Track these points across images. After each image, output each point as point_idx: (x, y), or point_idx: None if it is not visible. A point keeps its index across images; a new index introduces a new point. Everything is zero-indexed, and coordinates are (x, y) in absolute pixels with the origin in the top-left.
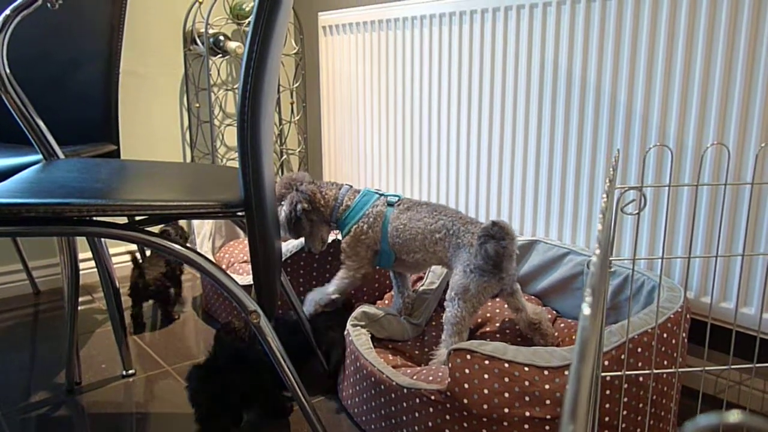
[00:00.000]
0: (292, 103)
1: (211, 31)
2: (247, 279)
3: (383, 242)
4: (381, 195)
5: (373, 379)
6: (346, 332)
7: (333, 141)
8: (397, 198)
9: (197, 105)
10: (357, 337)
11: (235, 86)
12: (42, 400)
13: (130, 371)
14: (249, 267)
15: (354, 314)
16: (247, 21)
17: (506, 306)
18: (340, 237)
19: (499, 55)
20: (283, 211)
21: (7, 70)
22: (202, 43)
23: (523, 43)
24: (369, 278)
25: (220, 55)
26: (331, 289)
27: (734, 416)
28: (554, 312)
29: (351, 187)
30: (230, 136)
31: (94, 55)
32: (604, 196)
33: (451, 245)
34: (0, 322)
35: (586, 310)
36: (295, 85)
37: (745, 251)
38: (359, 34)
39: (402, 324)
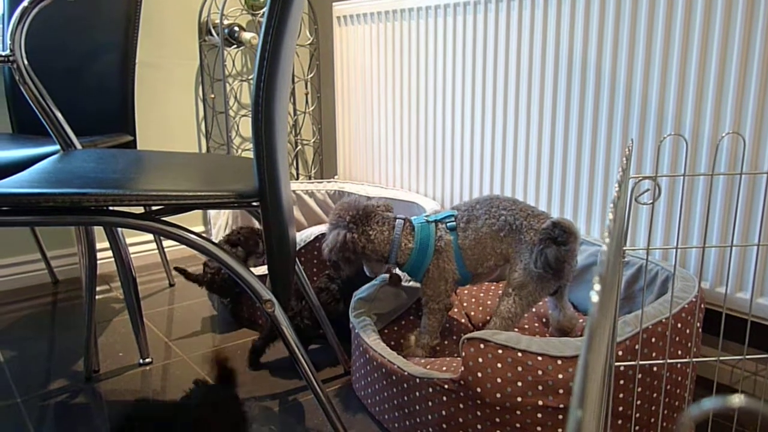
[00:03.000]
0: (306, 94)
1: (226, 22)
2: (261, 269)
3: (459, 268)
4: (434, 221)
5: (384, 370)
6: (351, 325)
7: (347, 132)
8: (452, 217)
9: (212, 96)
10: (363, 329)
11: (250, 77)
12: (61, 388)
13: (147, 359)
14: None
15: (352, 305)
16: (261, 12)
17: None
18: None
19: (513, 44)
20: (325, 245)
21: (26, 62)
22: (217, 34)
23: (537, 32)
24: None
25: (235, 46)
26: (427, 339)
27: (737, 400)
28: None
29: (403, 221)
30: (245, 126)
31: (111, 46)
32: (617, 185)
33: (514, 241)
34: (19, 311)
35: (594, 297)
36: (310, 76)
37: (761, 241)
38: (374, 25)
39: (396, 291)
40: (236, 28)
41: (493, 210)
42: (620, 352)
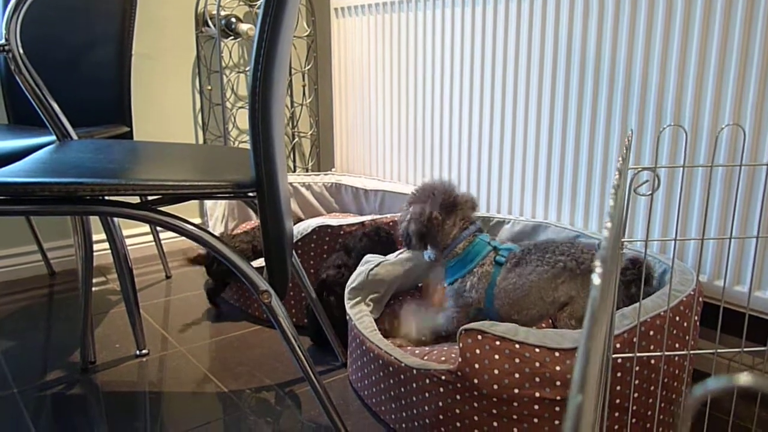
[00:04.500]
0: (303, 86)
1: (222, 13)
2: (259, 260)
3: (487, 303)
4: (494, 248)
5: (381, 361)
6: (348, 316)
7: (345, 124)
8: (509, 252)
9: (209, 87)
10: (359, 320)
11: (247, 69)
12: (57, 379)
13: (144, 351)
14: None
15: (346, 296)
16: (258, 3)
17: None
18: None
19: (512, 35)
20: (404, 221)
21: (21, 51)
22: (214, 25)
23: (536, 23)
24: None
25: (232, 38)
26: (442, 321)
27: (744, 378)
28: None
29: (479, 228)
30: (242, 118)
31: (107, 37)
32: (617, 173)
33: (578, 284)
34: (15, 303)
35: (596, 280)
36: (307, 68)
37: (759, 233)
38: (372, 16)
39: (386, 273)
40: (233, 20)
41: (547, 256)
42: (618, 345)
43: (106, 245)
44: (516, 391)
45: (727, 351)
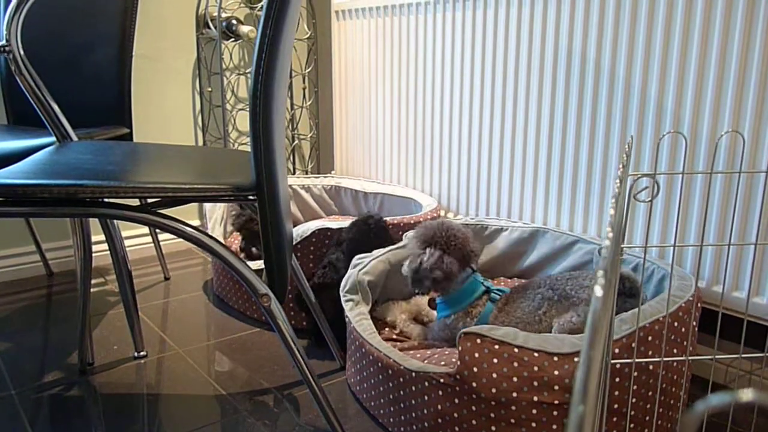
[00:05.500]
0: (304, 88)
1: (223, 15)
2: (257, 263)
3: None
4: (487, 289)
5: (380, 364)
6: (346, 317)
7: (345, 126)
8: (501, 293)
9: (209, 89)
10: (359, 322)
11: (247, 71)
12: (55, 380)
13: (142, 353)
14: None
15: (343, 299)
16: (259, 5)
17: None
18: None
19: (513, 40)
20: (419, 259)
21: (22, 52)
22: (215, 27)
23: (537, 28)
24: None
25: (233, 40)
26: (434, 335)
27: (746, 395)
28: None
29: (474, 270)
30: (242, 120)
31: (108, 38)
32: (617, 181)
33: (560, 308)
34: (14, 303)
35: (598, 291)
36: (308, 70)
37: (758, 240)
38: (372, 19)
39: (380, 274)
40: (234, 21)
41: (528, 292)
42: (617, 350)
43: (105, 246)
44: (514, 395)
45: (726, 357)
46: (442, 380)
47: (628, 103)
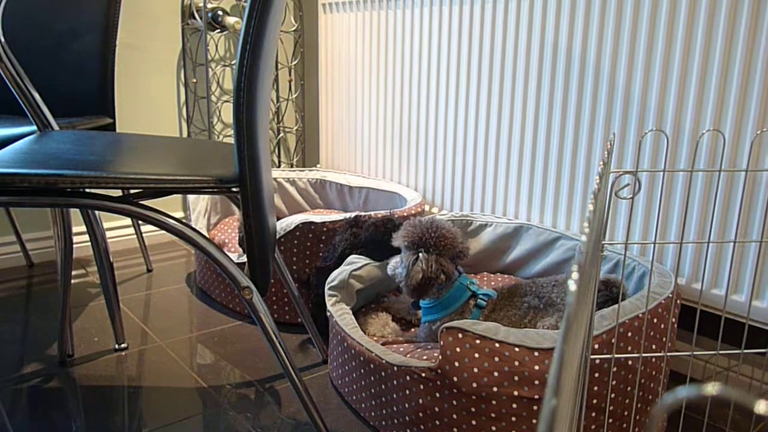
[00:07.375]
0: (290, 81)
1: (209, 6)
2: (241, 257)
3: None
4: (473, 293)
5: (362, 358)
6: (328, 313)
7: (330, 119)
8: (488, 297)
9: (194, 80)
10: (341, 317)
11: (232, 62)
12: (34, 372)
13: (123, 345)
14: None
15: (327, 294)
16: None
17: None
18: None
19: (499, 36)
20: (418, 266)
21: (3, 40)
22: (200, 18)
23: (523, 23)
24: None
25: (219, 30)
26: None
27: (712, 388)
28: None
29: (461, 274)
30: (227, 112)
31: (91, 26)
32: (598, 178)
33: (546, 315)
34: None
35: (572, 286)
36: (294, 63)
37: (737, 238)
38: (359, 12)
39: (365, 274)
40: (220, 12)
41: (515, 300)
42: (596, 345)
43: (86, 237)
44: (495, 389)
45: (704, 353)
46: (423, 375)
47: (612, 100)
